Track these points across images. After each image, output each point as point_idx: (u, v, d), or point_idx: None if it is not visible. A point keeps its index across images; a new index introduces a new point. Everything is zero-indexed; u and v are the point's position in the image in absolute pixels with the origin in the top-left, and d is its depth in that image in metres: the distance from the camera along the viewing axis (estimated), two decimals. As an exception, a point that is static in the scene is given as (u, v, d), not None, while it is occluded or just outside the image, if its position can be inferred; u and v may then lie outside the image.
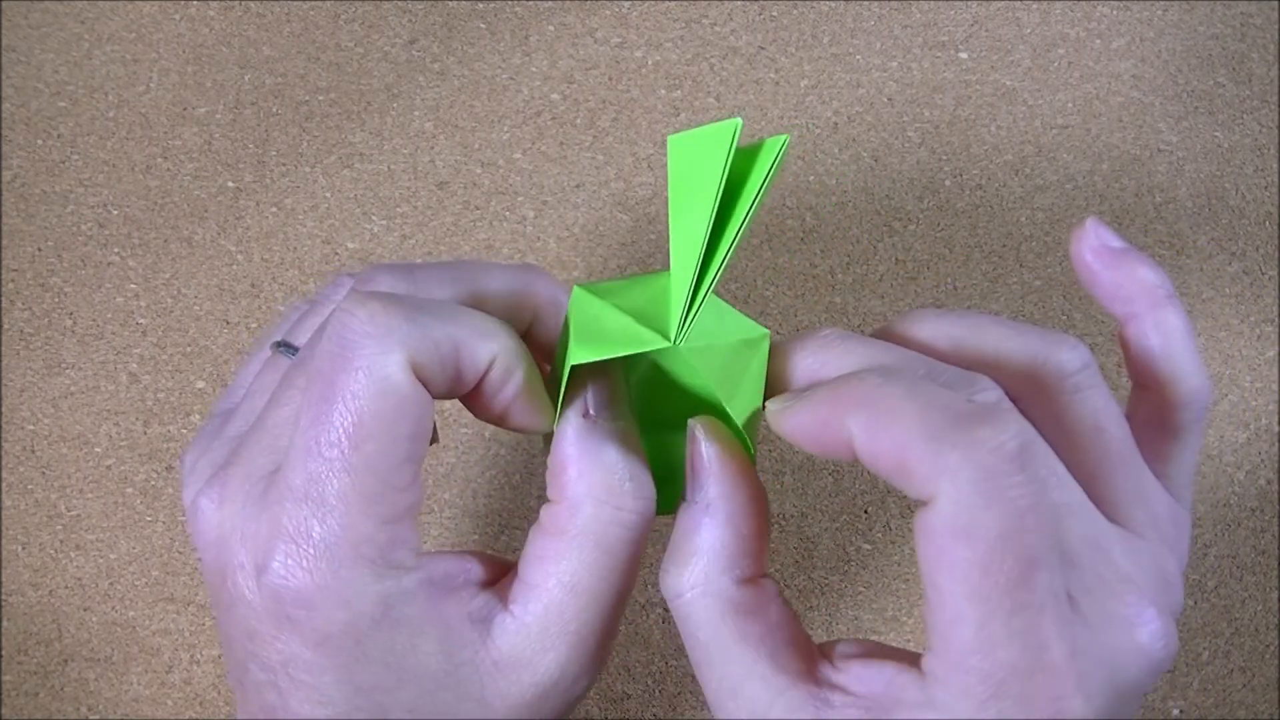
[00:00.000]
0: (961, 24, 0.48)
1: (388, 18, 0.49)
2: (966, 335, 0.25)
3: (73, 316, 0.44)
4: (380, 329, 0.23)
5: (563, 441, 0.26)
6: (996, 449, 0.21)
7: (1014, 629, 0.21)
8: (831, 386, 0.24)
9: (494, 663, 0.25)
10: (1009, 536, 0.20)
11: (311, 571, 0.23)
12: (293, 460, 0.24)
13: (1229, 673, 0.38)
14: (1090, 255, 0.26)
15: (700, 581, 0.24)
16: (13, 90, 0.48)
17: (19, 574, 0.40)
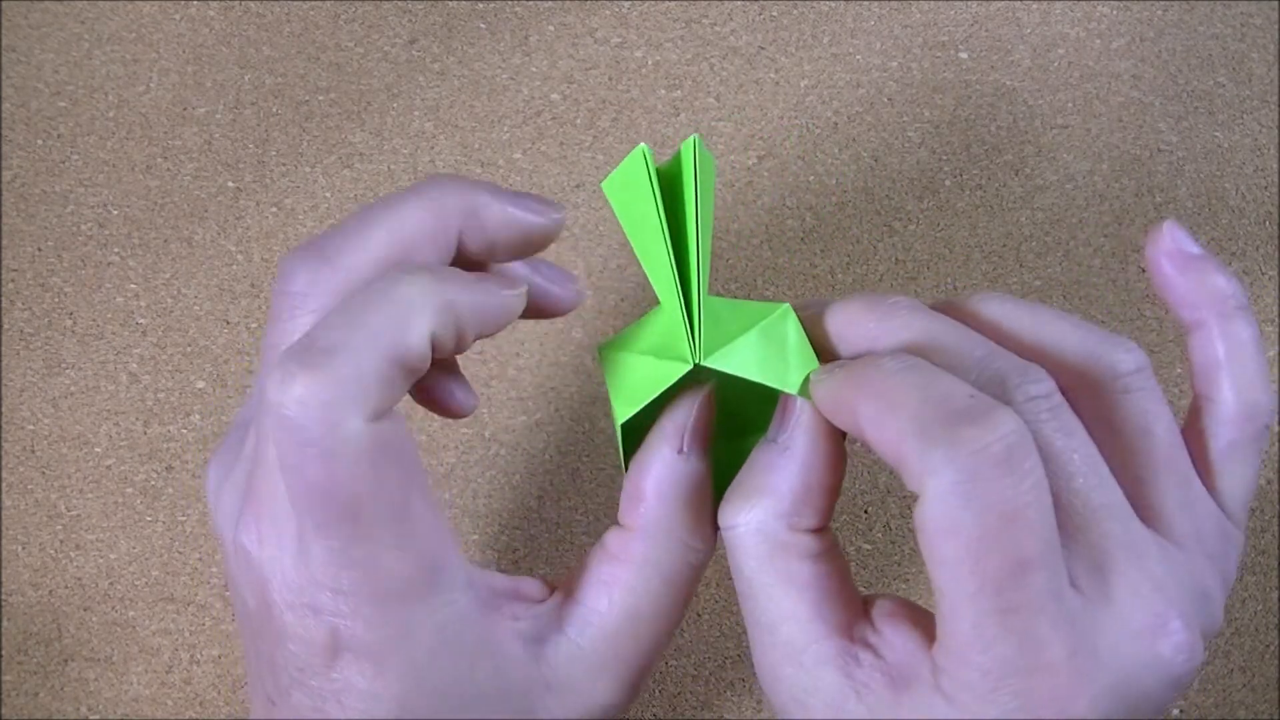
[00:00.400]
0: (961, 24, 0.48)
1: (388, 18, 0.49)
2: (1028, 324, 0.24)
3: (73, 316, 0.44)
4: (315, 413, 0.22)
5: (650, 471, 0.26)
6: (980, 450, 0.21)
7: (1009, 627, 0.21)
8: (850, 368, 0.24)
9: (546, 684, 0.25)
10: (991, 536, 0.21)
11: (367, 619, 0.23)
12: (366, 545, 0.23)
13: (1229, 673, 0.38)
14: (1165, 259, 0.25)
15: (758, 519, 0.24)
16: (13, 90, 0.48)
17: (19, 574, 0.40)
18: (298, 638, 0.23)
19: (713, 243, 0.27)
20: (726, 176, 0.45)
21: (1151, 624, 0.22)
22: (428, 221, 0.25)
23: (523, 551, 0.40)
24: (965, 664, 0.21)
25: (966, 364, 0.23)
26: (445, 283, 0.24)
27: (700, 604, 0.39)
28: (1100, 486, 0.22)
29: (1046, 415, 0.22)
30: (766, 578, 0.24)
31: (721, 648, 0.39)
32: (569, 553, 0.40)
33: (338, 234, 0.25)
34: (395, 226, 0.25)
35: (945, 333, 0.24)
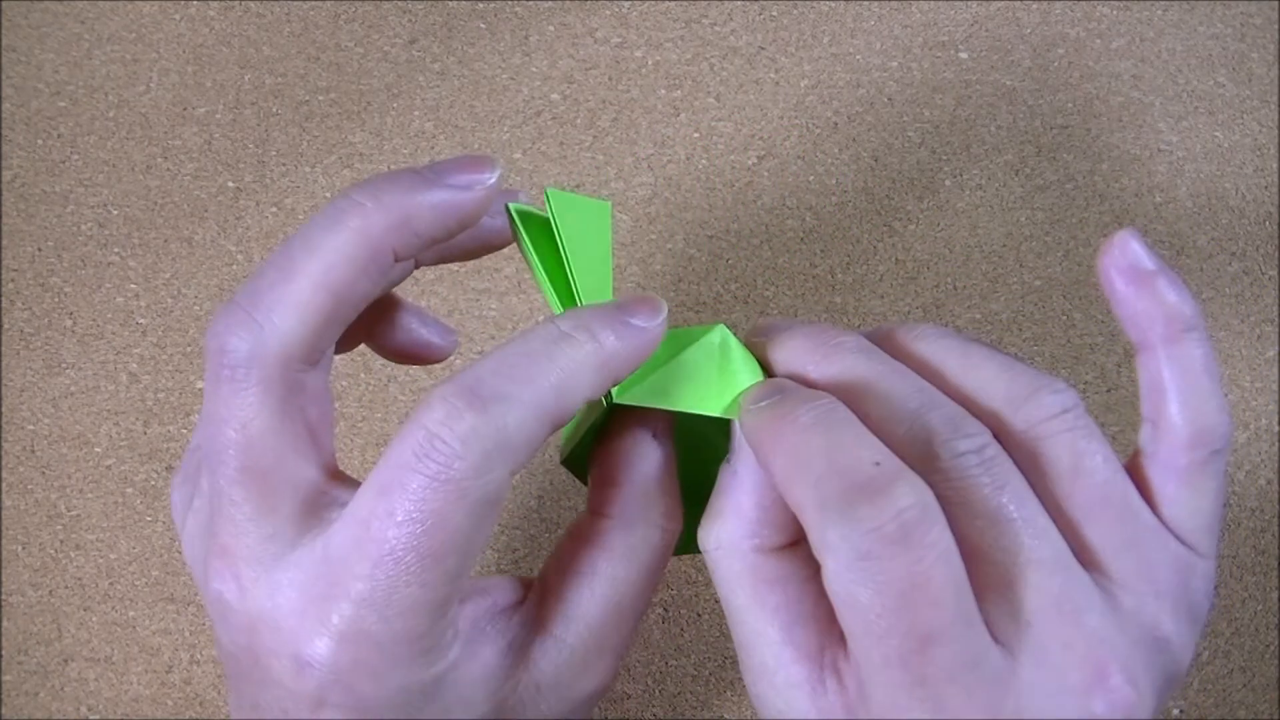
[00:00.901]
0: (961, 24, 0.48)
1: (388, 18, 0.49)
2: (958, 367, 0.24)
3: (73, 316, 0.44)
4: (478, 456, 0.21)
5: (622, 457, 0.26)
6: (873, 530, 0.21)
7: (919, 697, 0.21)
8: (772, 411, 0.24)
9: (536, 686, 0.25)
10: (891, 613, 0.21)
11: (364, 666, 0.22)
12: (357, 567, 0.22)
13: (1229, 673, 0.38)
14: (1115, 273, 0.24)
15: (725, 542, 0.25)
16: (13, 90, 0.48)
17: (19, 574, 0.40)
18: (283, 685, 0.23)
19: (616, 279, 0.27)
20: (726, 176, 0.45)
21: (1086, 679, 0.21)
22: (355, 255, 0.23)
23: (523, 551, 0.40)
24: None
25: (899, 415, 0.23)
26: (608, 350, 0.23)
27: (700, 604, 0.39)
28: (1033, 539, 0.22)
29: (977, 470, 0.22)
30: (739, 599, 0.24)
31: (721, 648, 0.39)
32: (569, 553, 0.40)
33: (263, 288, 0.23)
34: (320, 272, 0.23)
35: (882, 379, 0.24)
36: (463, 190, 0.25)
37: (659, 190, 0.45)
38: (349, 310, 0.24)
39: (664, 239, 0.44)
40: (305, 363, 0.24)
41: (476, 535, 0.22)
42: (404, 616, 0.22)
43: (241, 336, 0.23)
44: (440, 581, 0.22)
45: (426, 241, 0.24)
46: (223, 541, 0.24)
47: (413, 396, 0.42)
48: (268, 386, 0.23)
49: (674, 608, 0.39)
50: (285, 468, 0.23)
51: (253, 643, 0.24)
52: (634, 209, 0.45)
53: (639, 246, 0.44)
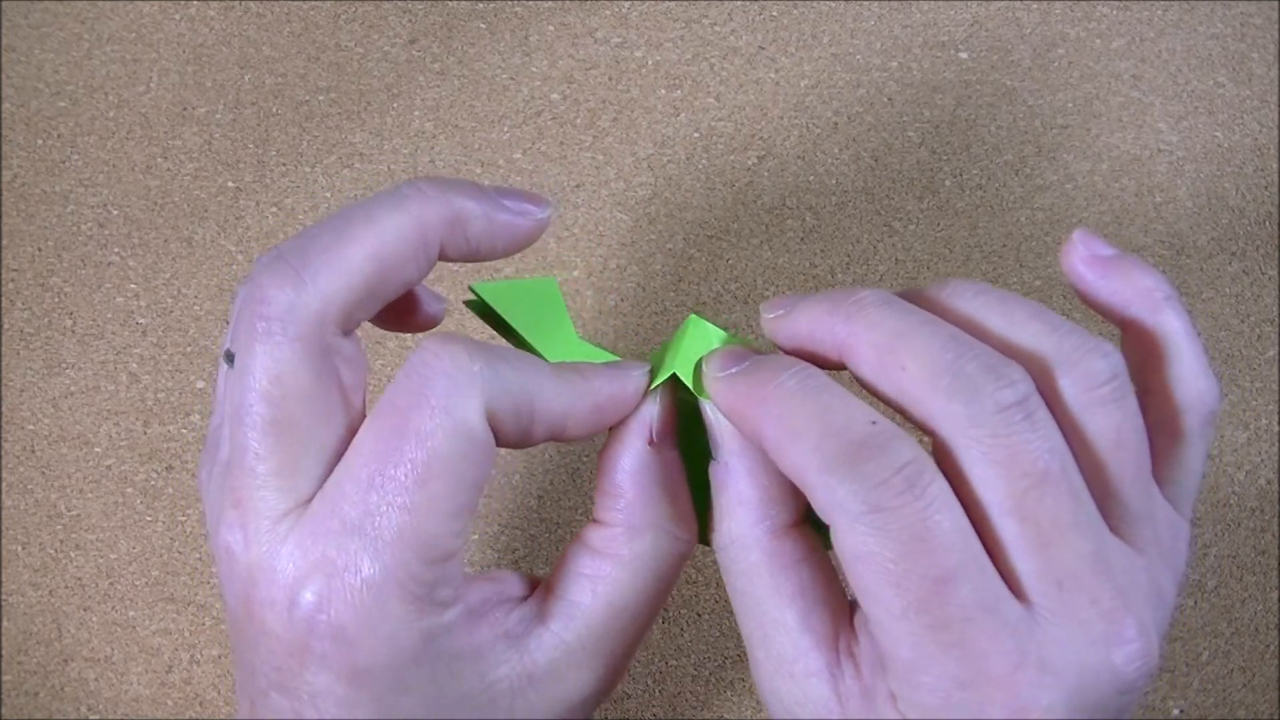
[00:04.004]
0: (961, 24, 0.48)
1: (388, 18, 0.49)
2: (1001, 322, 0.24)
3: (73, 316, 0.44)
4: (462, 374, 0.23)
5: (623, 466, 0.26)
6: (881, 484, 0.21)
7: (944, 643, 0.21)
8: (750, 379, 0.24)
9: (528, 677, 0.25)
10: (907, 557, 0.21)
11: (354, 606, 0.23)
12: (348, 491, 0.23)
13: (1229, 673, 0.38)
14: (1082, 266, 0.25)
15: (737, 534, 0.25)
16: (13, 90, 0.48)
17: (19, 574, 0.40)
18: (274, 636, 0.23)
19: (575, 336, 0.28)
20: (726, 176, 0.45)
21: (1107, 632, 0.22)
22: (410, 237, 0.25)
23: (522, 551, 0.40)
24: (914, 686, 0.22)
25: (937, 367, 0.22)
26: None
27: (700, 604, 0.39)
28: (1074, 500, 0.22)
29: (1023, 426, 0.22)
30: (757, 590, 0.24)
31: (721, 648, 0.39)
32: (569, 553, 0.40)
33: (314, 248, 0.24)
34: (375, 243, 0.24)
35: (914, 331, 0.23)
36: (517, 215, 0.26)
37: (659, 190, 0.45)
38: (390, 288, 0.25)
39: (664, 239, 0.44)
40: (341, 328, 0.24)
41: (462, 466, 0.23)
42: (393, 547, 0.22)
43: (284, 290, 0.24)
44: (427, 508, 0.23)
45: (472, 248, 0.26)
46: (239, 494, 0.24)
47: (413, 396, 0.42)
48: (305, 343, 0.24)
49: (674, 608, 0.39)
50: (315, 426, 0.24)
51: (249, 594, 0.24)
52: (634, 209, 0.45)
53: (639, 246, 0.44)
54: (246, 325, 0.24)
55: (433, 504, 0.23)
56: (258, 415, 0.24)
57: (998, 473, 0.22)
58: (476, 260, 0.27)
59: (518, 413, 0.24)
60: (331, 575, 0.23)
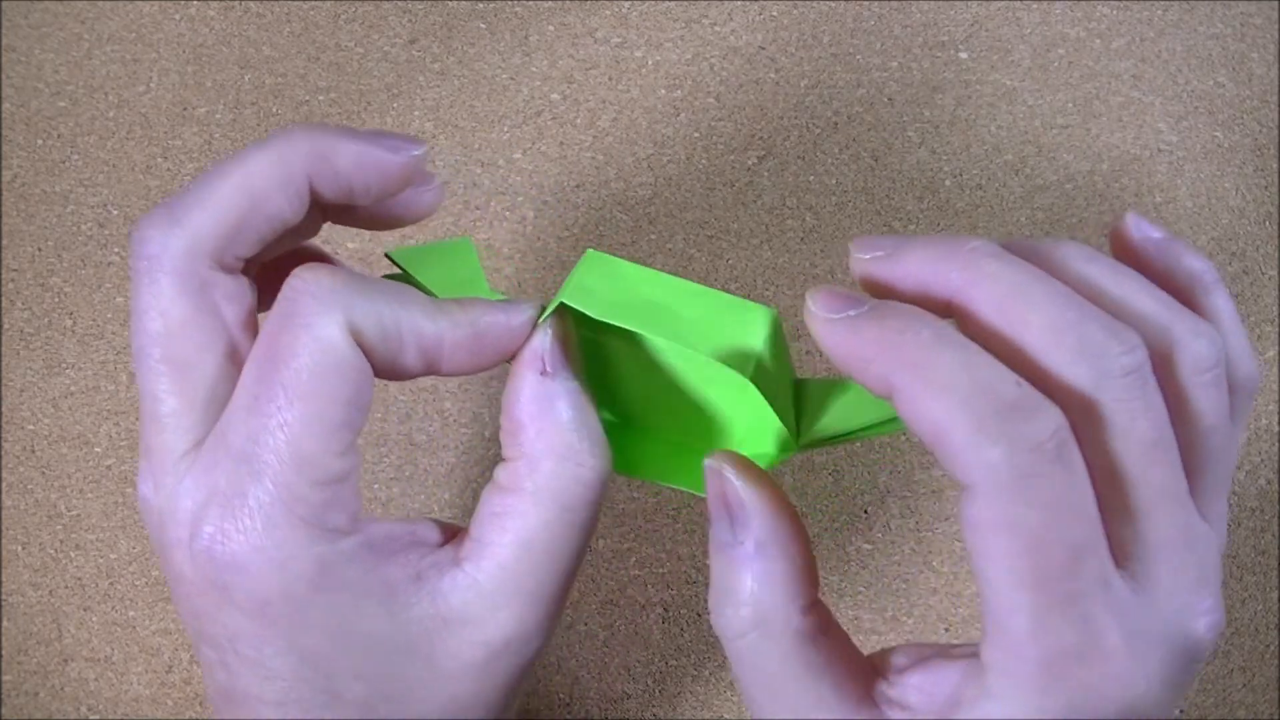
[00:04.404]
0: (961, 24, 0.48)
1: (388, 18, 0.49)
2: (1114, 292, 0.23)
3: (73, 316, 0.44)
4: (325, 292, 0.24)
5: (519, 399, 0.26)
6: (1036, 447, 0.21)
7: (1069, 616, 0.21)
8: (884, 327, 0.23)
9: (444, 620, 0.25)
10: (1051, 528, 0.21)
11: (246, 532, 0.23)
12: (232, 420, 0.24)
13: (1229, 673, 0.38)
14: (1138, 246, 0.25)
15: (765, 619, 0.24)
16: (13, 90, 0.48)
17: (19, 574, 0.40)
18: (186, 579, 0.24)
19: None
20: (726, 176, 0.45)
21: (1190, 603, 0.22)
22: (274, 171, 0.25)
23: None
24: (1023, 658, 0.21)
25: (1060, 325, 0.22)
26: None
27: (700, 604, 0.39)
28: (1174, 471, 0.22)
29: (1138, 392, 0.22)
30: (791, 673, 0.24)
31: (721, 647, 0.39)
32: (569, 553, 0.40)
33: (188, 193, 0.25)
34: (241, 180, 0.25)
35: (1035, 288, 0.22)
36: (388, 151, 0.26)
37: (659, 190, 0.45)
38: (262, 222, 0.25)
39: (664, 239, 0.44)
40: (216, 261, 0.25)
41: (330, 381, 0.23)
42: (273, 467, 0.23)
43: (158, 229, 0.25)
44: (301, 428, 0.23)
45: (344, 183, 0.26)
46: (147, 442, 0.25)
47: (413, 396, 0.42)
48: (181, 278, 0.25)
49: (674, 608, 0.39)
50: (205, 360, 0.25)
51: (162, 540, 0.24)
52: (634, 209, 0.45)
53: (639, 246, 0.44)
54: (132, 270, 0.25)
55: (306, 422, 0.23)
56: (151, 357, 0.25)
57: (1114, 437, 0.22)
58: (355, 201, 0.27)
59: (385, 333, 0.24)
60: (223, 505, 0.23)
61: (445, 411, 0.42)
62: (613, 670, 0.39)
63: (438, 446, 0.41)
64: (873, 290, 0.25)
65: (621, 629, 0.39)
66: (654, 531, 0.40)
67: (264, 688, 0.24)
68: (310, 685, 0.24)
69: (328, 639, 0.24)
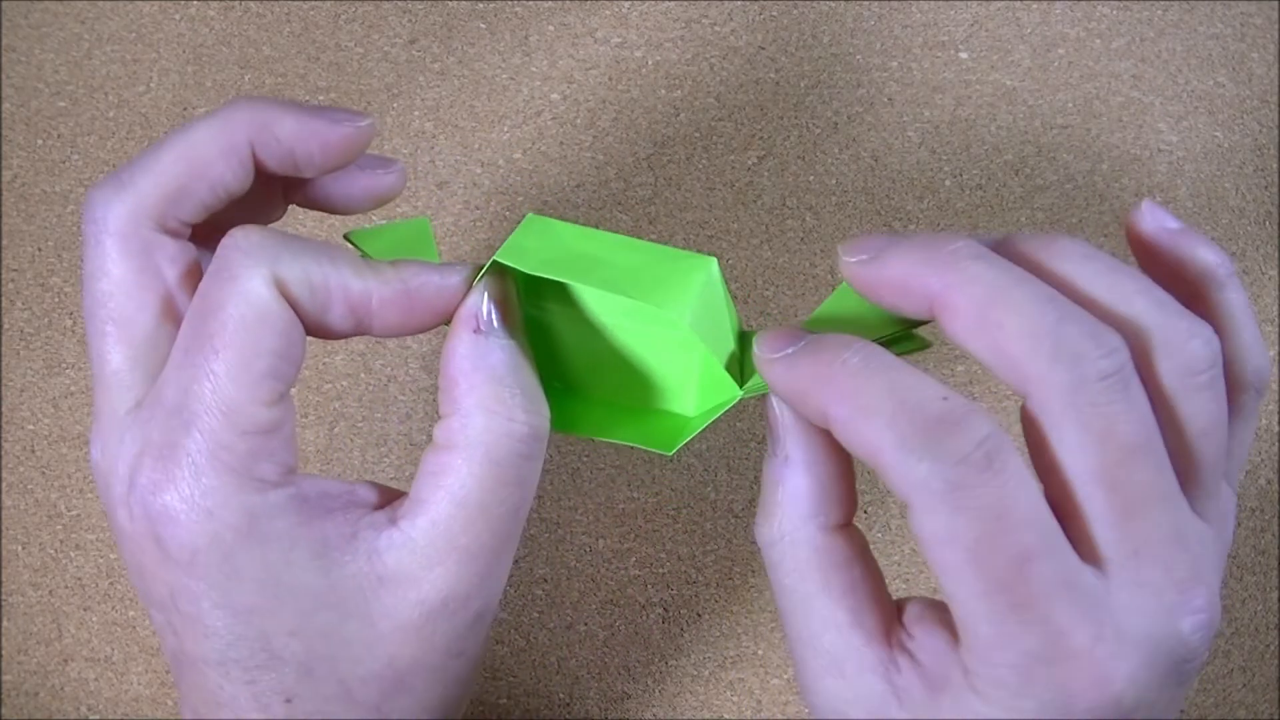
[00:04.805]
0: (961, 24, 0.48)
1: (388, 18, 0.49)
2: (1108, 292, 0.23)
3: (73, 316, 0.44)
4: (253, 247, 0.24)
5: (454, 356, 0.26)
6: (962, 460, 0.21)
7: (1025, 620, 0.21)
8: (812, 360, 0.24)
9: (379, 578, 0.25)
10: (988, 537, 0.21)
11: (175, 481, 0.24)
12: (167, 375, 0.24)
13: (1229, 673, 0.38)
14: (1150, 236, 0.25)
15: (789, 530, 0.25)
16: (13, 90, 0.48)
17: (19, 574, 0.40)
18: (127, 535, 0.24)
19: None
20: (726, 176, 0.45)
21: (1178, 601, 0.22)
22: (216, 138, 0.26)
23: (522, 551, 0.40)
24: (993, 664, 0.22)
25: (1039, 329, 0.22)
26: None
27: (700, 604, 0.39)
28: (1159, 473, 0.22)
29: (1118, 395, 0.22)
30: (807, 587, 0.24)
31: (721, 648, 0.39)
32: (569, 552, 0.40)
33: (135, 162, 0.26)
34: (184, 147, 0.26)
35: (1015, 290, 0.22)
36: (329, 123, 0.27)
37: (659, 190, 0.45)
38: (204, 188, 0.26)
39: (664, 239, 0.44)
40: (158, 224, 0.26)
41: (255, 333, 0.24)
42: (201, 417, 0.24)
43: (105, 193, 0.26)
44: (227, 377, 0.24)
45: (286, 151, 0.27)
46: (96, 405, 0.26)
47: (413, 396, 0.42)
48: (124, 240, 0.25)
49: (674, 608, 0.39)
50: (146, 320, 0.26)
51: (109, 499, 0.25)
52: (634, 209, 0.45)
53: (639, 246, 0.44)
54: (83, 234, 0.26)
55: (230, 370, 0.24)
56: (95, 318, 0.26)
57: (1091, 441, 0.22)
58: (301, 172, 0.27)
59: (312, 288, 0.25)
60: (155, 456, 0.24)
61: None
62: (613, 670, 0.39)
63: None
64: (861, 293, 0.25)
65: (621, 629, 0.39)
66: (654, 531, 0.40)
67: (204, 646, 0.24)
68: (247, 643, 0.24)
69: (260, 591, 0.24)
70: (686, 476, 0.41)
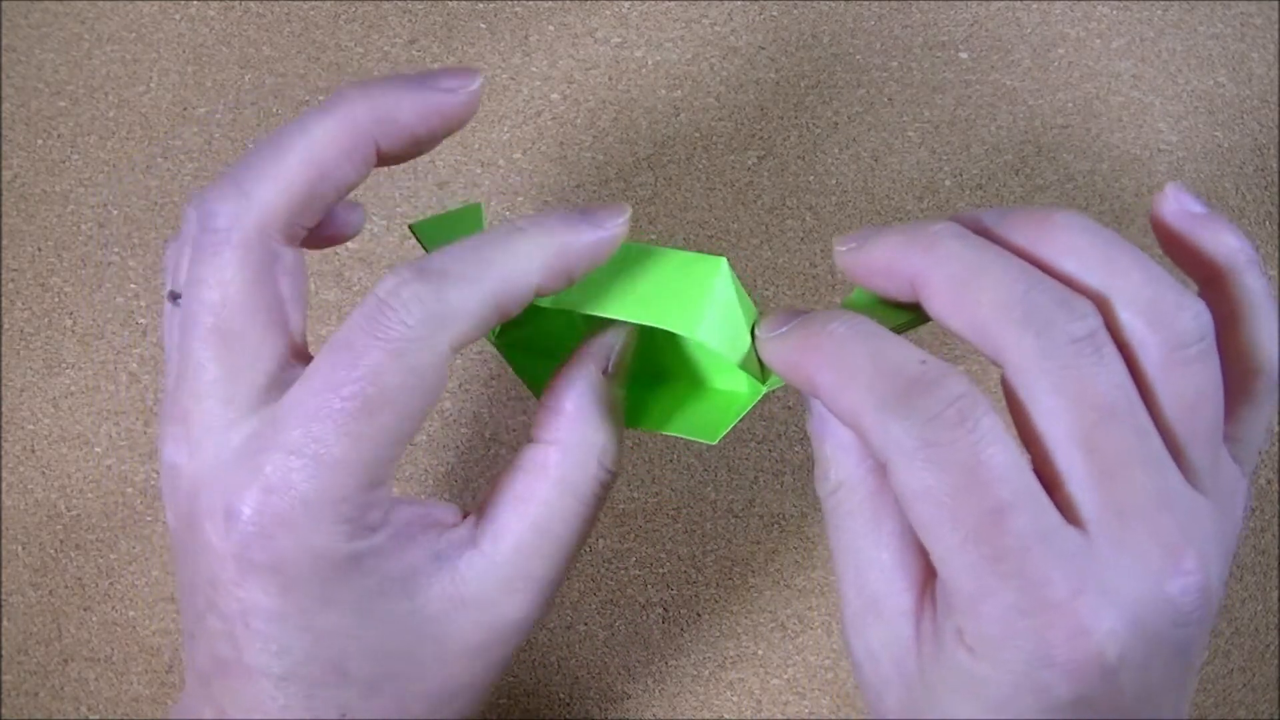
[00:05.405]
0: (961, 24, 0.48)
1: (388, 18, 0.49)
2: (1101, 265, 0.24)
3: (73, 316, 0.44)
4: (421, 321, 0.23)
5: (572, 388, 0.26)
6: (935, 418, 0.22)
7: (1003, 573, 0.21)
8: (802, 332, 0.24)
9: (460, 600, 0.25)
10: (962, 491, 0.21)
11: (286, 524, 0.23)
12: (294, 415, 0.23)
13: (1229, 673, 0.38)
14: (1172, 219, 0.25)
15: (844, 476, 0.26)
16: (13, 90, 0.48)
17: (19, 574, 0.40)
18: (212, 548, 0.24)
19: None
20: (726, 176, 0.45)
21: (1165, 563, 0.22)
22: (342, 139, 0.25)
23: (523, 551, 0.40)
24: (976, 617, 0.22)
25: (1009, 299, 0.23)
26: (555, 233, 0.25)
27: (700, 604, 0.39)
28: (1139, 436, 0.22)
29: (1092, 359, 0.22)
30: (858, 526, 0.25)
31: (721, 648, 0.39)
32: (569, 553, 0.40)
33: (254, 165, 0.25)
34: (308, 150, 0.25)
35: (990, 265, 0.23)
36: (448, 92, 0.26)
37: (659, 190, 0.45)
38: (330, 190, 0.25)
39: (664, 239, 0.44)
40: (284, 235, 0.25)
41: (411, 402, 0.23)
42: (332, 471, 0.23)
43: (226, 202, 0.24)
44: (371, 439, 0.23)
45: (411, 137, 0.26)
46: (183, 406, 0.25)
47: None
48: (246, 251, 0.24)
49: (674, 608, 0.39)
50: (255, 333, 0.25)
51: (192, 508, 0.24)
52: (634, 209, 0.45)
53: (639, 246, 0.44)
54: (195, 241, 0.25)
55: (378, 434, 0.23)
56: (202, 325, 0.24)
57: (1066, 404, 0.22)
58: (421, 150, 0.27)
59: (484, 323, 0.24)
60: (268, 491, 0.23)
61: (445, 411, 0.42)
62: (613, 670, 0.39)
63: (438, 446, 0.41)
64: (851, 279, 0.26)
65: (621, 629, 0.39)
66: (654, 531, 0.40)
67: (272, 662, 0.24)
68: (321, 663, 0.24)
69: (348, 617, 0.24)
70: (686, 476, 0.41)
